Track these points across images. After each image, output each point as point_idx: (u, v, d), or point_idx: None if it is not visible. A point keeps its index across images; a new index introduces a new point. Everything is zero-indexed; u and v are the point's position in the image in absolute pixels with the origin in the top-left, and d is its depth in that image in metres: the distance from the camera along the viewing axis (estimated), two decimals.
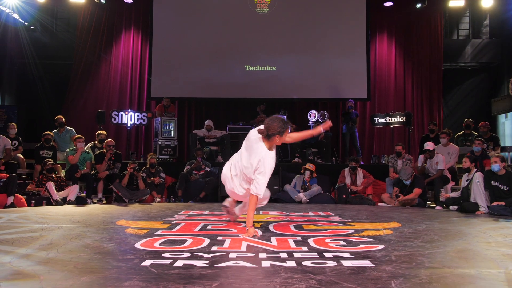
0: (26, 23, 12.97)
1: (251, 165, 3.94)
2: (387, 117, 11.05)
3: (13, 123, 9.09)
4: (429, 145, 7.97)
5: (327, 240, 3.55)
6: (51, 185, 7.18)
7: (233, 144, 10.26)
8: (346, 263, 2.67)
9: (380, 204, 7.85)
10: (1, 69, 13.07)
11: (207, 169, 8.74)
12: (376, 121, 11.27)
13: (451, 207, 6.86)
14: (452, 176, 8.08)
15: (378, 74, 12.96)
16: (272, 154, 4.04)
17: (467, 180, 6.68)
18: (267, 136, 3.91)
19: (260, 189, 3.91)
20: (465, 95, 13.89)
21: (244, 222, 4.58)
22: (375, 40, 13.01)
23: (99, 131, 9.33)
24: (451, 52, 13.62)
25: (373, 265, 2.63)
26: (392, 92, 12.91)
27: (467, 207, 6.37)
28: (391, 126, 11.23)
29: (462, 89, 13.97)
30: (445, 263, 2.71)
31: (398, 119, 10.86)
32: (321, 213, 5.96)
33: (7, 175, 6.94)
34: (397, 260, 2.76)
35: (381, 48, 13.07)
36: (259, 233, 3.94)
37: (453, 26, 14.22)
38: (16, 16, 12.40)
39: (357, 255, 2.92)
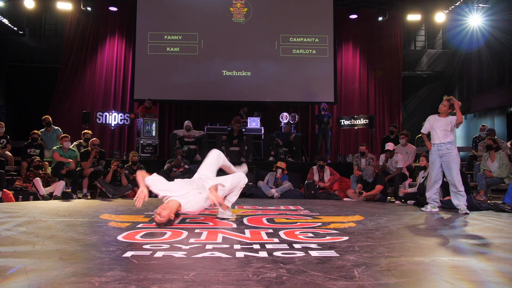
0: (15, 28, 12.62)
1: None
2: (352, 120, 11.18)
3: (2, 122, 8.81)
4: (389, 146, 8.08)
5: (297, 232, 3.56)
6: (38, 181, 7.02)
7: (210, 143, 10.20)
8: (313, 253, 2.68)
9: (345, 199, 7.92)
10: None
11: (186, 166, 8.67)
12: (342, 123, 11.39)
13: (408, 202, 6.97)
14: (410, 174, 8.21)
15: (344, 80, 13.12)
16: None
17: (423, 177, 6.82)
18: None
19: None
20: (421, 100, 14.22)
21: (222, 218, 4.56)
22: (341, 49, 13.16)
23: (85, 131, 9.16)
24: (409, 61, 13.92)
25: (338, 255, 2.64)
26: (357, 96, 13.09)
27: (423, 202, 6.49)
28: (356, 127, 11.38)
29: (419, 94, 14.30)
30: (402, 253, 2.75)
31: (362, 121, 11.00)
32: (292, 208, 5.97)
33: None
34: (359, 250, 2.79)
35: (347, 57, 13.24)
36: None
37: (411, 38, 14.53)
38: (5, 21, 12.05)
39: (323, 246, 2.93)
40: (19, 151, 8.53)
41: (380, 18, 12.83)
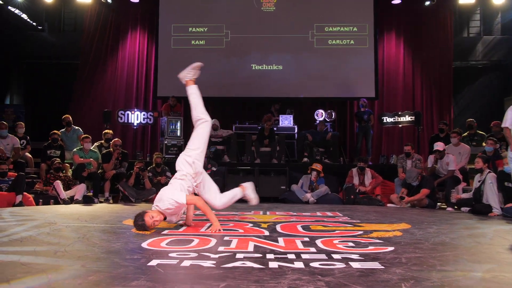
0: (34, 23, 13.07)
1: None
2: (396, 117, 10.98)
3: (21, 122, 9.16)
4: (439, 145, 7.88)
5: (336, 241, 3.53)
6: (58, 184, 7.24)
7: (239, 143, 10.27)
8: (355, 265, 2.65)
9: (389, 205, 7.79)
10: (9, 70, 13.21)
11: (214, 168, 8.73)
12: (385, 121, 11.20)
13: (462, 209, 6.78)
14: (464, 177, 7.98)
15: (386, 73, 12.89)
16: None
17: (479, 181, 6.59)
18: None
19: None
20: (476, 93, 13.78)
21: (252, 222, 4.58)
22: (383, 39, 12.93)
23: (106, 131, 9.37)
24: (462, 50, 13.51)
25: (382, 267, 2.60)
26: (401, 91, 12.83)
27: (479, 209, 6.29)
28: (400, 125, 11.16)
29: (473, 87, 13.85)
30: (457, 266, 2.68)
31: (407, 118, 10.79)
32: (329, 214, 5.93)
33: (16, 174, 6.99)
34: (407, 263, 2.73)
35: (389, 47, 13.00)
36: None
37: (463, 24, 14.10)
38: (24, 16, 12.49)
39: (366, 257, 2.89)
40: (39, 152, 8.82)
41: (427, 3, 12.53)
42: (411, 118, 10.72)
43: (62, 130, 9.39)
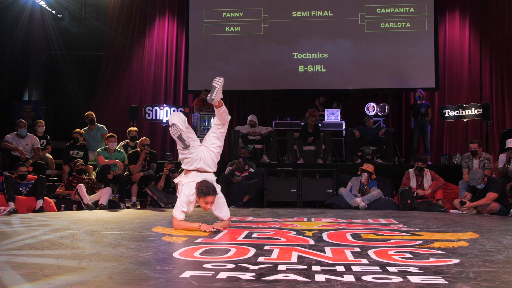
0: (53, 11, 13.44)
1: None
2: (460, 110, 10.72)
3: (41, 120, 9.42)
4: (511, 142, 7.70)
5: (391, 252, 3.49)
6: (81, 188, 7.38)
7: (279, 142, 10.27)
8: (413, 279, 2.61)
9: (452, 211, 7.65)
10: (27, 62, 13.62)
11: (251, 170, 8.78)
12: (447, 114, 10.96)
13: None
14: None
15: (448, 60, 12.60)
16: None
17: None
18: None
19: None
20: None
21: (295, 230, 4.58)
22: (444, 20, 12.64)
23: (130, 128, 9.52)
24: None
25: (446, 282, 2.55)
26: (466, 80, 12.51)
27: None
28: (465, 120, 10.89)
29: None
30: None
31: (473, 111, 10.52)
32: (383, 221, 5.87)
33: (36, 177, 7.22)
34: (476, 278, 2.67)
35: (452, 29, 12.69)
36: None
37: None
38: (43, 3, 12.87)
39: (426, 270, 2.84)
40: (60, 153, 9.08)
41: None
42: (478, 111, 10.44)
43: (85, 128, 9.63)
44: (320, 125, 10.54)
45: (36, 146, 8.66)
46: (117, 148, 8.69)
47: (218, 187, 4.67)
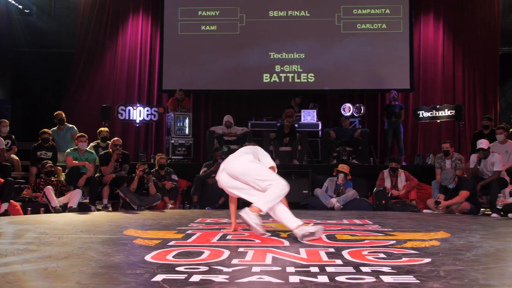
0: (20, 6, 13.09)
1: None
2: (434, 111, 10.90)
3: (5, 120, 9.06)
4: (483, 143, 7.81)
5: (364, 252, 3.53)
6: (49, 190, 7.18)
7: (255, 142, 10.24)
8: (386, 278, 2.65)
9: (425, 211, 7.76)
10: None
11: None
12: (421, 115, 11.14)
13: (510, 215, 6.71)
14: (511, 179, 7.92)
15: (423, 62, 12.78)
16: None
17: None
18: None
19: None
20: None
21: (270, 231, 4.59)
22: (419, 22, 12.82)
23: (101, 128, 9.37)
24: (510, 34, 13.32)
25: (418, 281, 2.60)
26: (440, 81, 12.70)
27: None
28: (438, 121, 11.07)
29: None
30: (504, 281, 2.67)
31: (446, 112, 10.71)
32: (357, 221, 5.93)
33: (2, 180, 7.01)
34: (446, 276, 2.73)
35: (426, 31, 12.87)
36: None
37: None
38: None
39: (399, 270, 2.89)
40: (27, 153, 8.83)
41: None
42: (450, 113, 10.63)
43: (54, 128, 9.43)
44: (296, 125, 10.58)
45: (1, 147, 8.28)
46: (87, 148, 8.57)
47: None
